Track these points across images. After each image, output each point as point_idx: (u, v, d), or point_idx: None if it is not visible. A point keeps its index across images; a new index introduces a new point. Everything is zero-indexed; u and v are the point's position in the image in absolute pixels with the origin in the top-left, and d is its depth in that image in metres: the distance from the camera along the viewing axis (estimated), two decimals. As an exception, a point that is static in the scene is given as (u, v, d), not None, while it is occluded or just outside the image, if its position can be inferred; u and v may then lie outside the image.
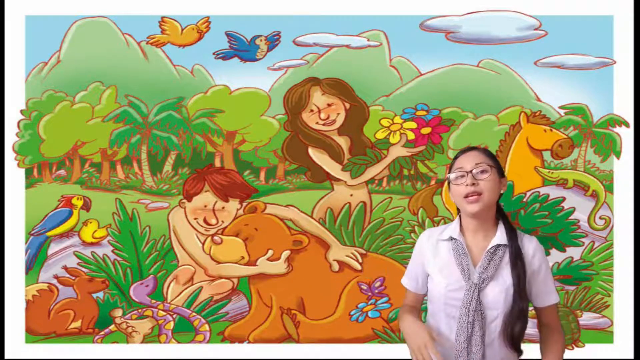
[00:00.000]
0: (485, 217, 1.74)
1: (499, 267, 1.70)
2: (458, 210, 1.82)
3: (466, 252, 1.72)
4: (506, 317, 1.68)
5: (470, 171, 1.70)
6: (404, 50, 2.76)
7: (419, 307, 1.91)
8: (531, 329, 1.87)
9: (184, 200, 2.77)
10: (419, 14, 2.74)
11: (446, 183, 1.84)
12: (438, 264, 1.77)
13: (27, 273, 2.77)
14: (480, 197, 1.69)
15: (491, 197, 1.71)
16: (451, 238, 1.77)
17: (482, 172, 1.70)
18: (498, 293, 1.68)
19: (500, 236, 1.73)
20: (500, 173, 1.77)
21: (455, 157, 1.79)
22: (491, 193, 1.71)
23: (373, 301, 2.76)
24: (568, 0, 2.73)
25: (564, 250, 2.74)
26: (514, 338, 1.69)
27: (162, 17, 2.76)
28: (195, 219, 2.78)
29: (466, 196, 1.69)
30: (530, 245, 1.76)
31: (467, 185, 1.69)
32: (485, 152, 1.79)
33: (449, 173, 1.79)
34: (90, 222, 2.77)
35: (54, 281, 2.77)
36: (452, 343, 1.72)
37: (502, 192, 1.77)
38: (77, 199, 2.76)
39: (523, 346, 1.76)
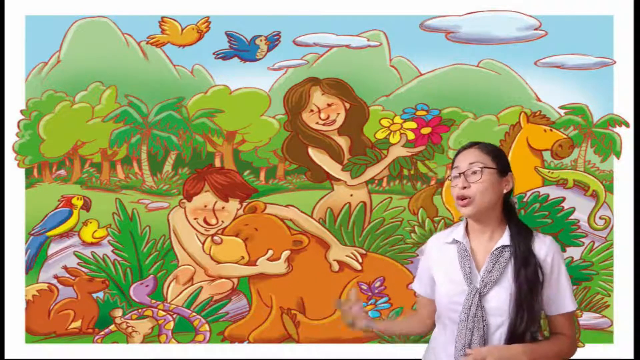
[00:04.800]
0: (485, 219, 1.62)
1: (505, 271, 1.57)
2: None
3: (469, 254, 1.61)
4: (511, 328, 1.55)
5: (464, 172, 1.60)
6: (404, 50, 2.76)
7: (425, 313, 1.80)
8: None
9: (184, 200, 2.77)
10: (419, 14, 2.74)
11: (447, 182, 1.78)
12: (442, 268, 1.67)
13: (27, 273, 2.77)
14: (469, 201, 1.58)
15: (484, 200, 1.58)
16: (455, 241, 1.66)
17: (473, 173, 1.59)
18: (504, 299, 1.55)
19: (506, 237, 1.60)
20: (503, 171, 1.62)
21: (457, 153, 1.67)
22: (484, 196, 1.58)
23: (373, 301, 2.76)
24: (568, 0, 2.73)
25: (564, 250, 2.74)
26: None
27: (162, 17, 2.76)
28: (195, 219, 2.77)
29: (457, 199, 1.61)
30: (542, 246, 1.61)
31: (459, 188, 1.59)
32: (485, 149, 1.64)
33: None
34: (90, 222, 2.77)
35: (54, 281, 2.77)
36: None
37: (505, 191, 1.62)
38: (77, 199, 2.76)
39: None
